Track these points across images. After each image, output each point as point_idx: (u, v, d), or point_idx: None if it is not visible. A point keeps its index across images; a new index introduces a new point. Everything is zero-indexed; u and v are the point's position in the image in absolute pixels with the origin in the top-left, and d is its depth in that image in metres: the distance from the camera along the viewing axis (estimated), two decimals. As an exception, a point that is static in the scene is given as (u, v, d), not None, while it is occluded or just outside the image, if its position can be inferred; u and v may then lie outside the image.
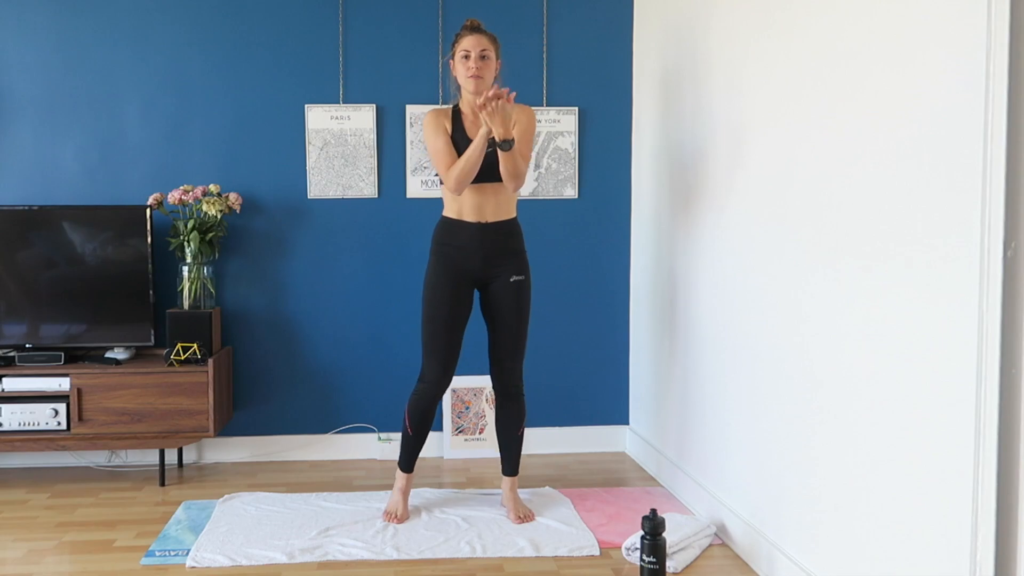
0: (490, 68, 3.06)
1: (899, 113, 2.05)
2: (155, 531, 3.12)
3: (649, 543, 2.61)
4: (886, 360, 2.09)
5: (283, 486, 3.62)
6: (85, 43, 3.85)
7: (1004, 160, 1.74)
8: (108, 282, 3.69)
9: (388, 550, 2.91)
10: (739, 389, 2.94)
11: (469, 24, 3.10)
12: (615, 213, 4.13)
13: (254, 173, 3.94)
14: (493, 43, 3.08)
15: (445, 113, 3.13)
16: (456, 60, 3.08)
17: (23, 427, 3.52)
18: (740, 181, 2.93)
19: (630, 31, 4.10)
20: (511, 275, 3.13)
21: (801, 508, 2.53)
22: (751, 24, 2.84)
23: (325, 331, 4.02)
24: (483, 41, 3.04)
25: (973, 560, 1.81)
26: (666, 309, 3.64)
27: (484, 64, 3.03)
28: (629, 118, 4.11)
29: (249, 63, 3.92)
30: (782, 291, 2.64)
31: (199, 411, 3.58)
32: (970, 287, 1.80)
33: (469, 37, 3.05)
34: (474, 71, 3.02)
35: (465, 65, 3.03)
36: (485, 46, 3.04)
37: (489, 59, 3.05)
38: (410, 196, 4.01)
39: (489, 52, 3.05)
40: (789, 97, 2.59)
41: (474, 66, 3.02)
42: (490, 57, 3.05)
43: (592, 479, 3.73)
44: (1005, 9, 1.73)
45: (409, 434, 3.20)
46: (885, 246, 2.10)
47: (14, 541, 3.04)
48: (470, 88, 3.05)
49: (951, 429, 1.87)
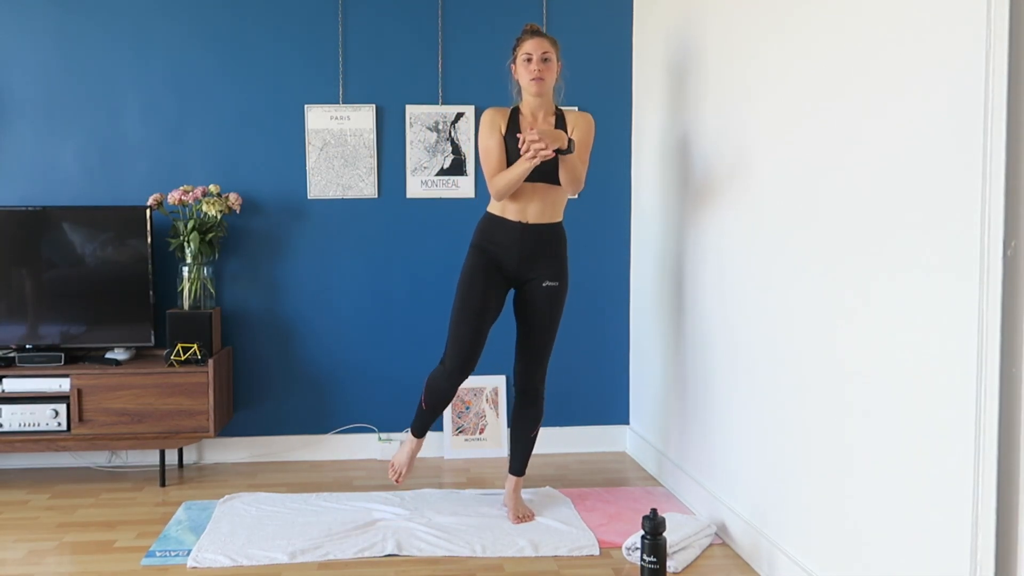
0: (551, 70, 3.08)
1: (899, 112, 2.05)
2: (156, 531, 3.12)
3: (649, 543, 2.61)
4: (886, 359, 2.09)
5: (283, 486, 3.62)
6: (85, 43, 3.85)
7: (1004, 160, 1.74)
8: (108, 283, 3.69)
9: (388, 550, 2.91)
10: (739, 389, 2.94)
11: (530, 28, 3.12)
12: (615, 213, 4.13)
13: (254, 173, 3.94)
14: (554, 45, 3.10)
15: (503, 113, 3.13)
16: (518, 63, 3.10)
17: (23, 428, 3.52)
18: (741, 182, 2.93)
19: (630, 31, 4.10)
20: (545, 280, 3.14)
21: (802, 508, 2.53)
22: (751, 24, 2.84)
23: (325, 331, 4.02)
24: (544, 44, 3.06)
25: (973, 560, 1.81)
26: (667, 309, 3.64)
27: (546, 67, 3.05)
28: (629, 118, 4.11)
29: (249, 63, 3.92)
30: (782, 291, 2.64)
31: (199, 411, 3.58)
32: (970, 287, 1.80)
33: (530, 41, 3.06)
34: (536, 74, 3.04)
35: (527, 68, 3.05)
36: (546, 48, 3.06)
37: (550, 61, 3.07)
38: (410, 196, 4.01)
39: (550, 54, 3.07)
40: (790, 98, 2.59)
41: (536, 69, 3.04)
42: (551, 59, 3.07)
43: (592, 479, 3.73)
44: (1005, 9, 1.73)
45: (424, 408, 3.24)
46: (885, 246, 2.10)
47: (15, 542, 3.04)
48: (532, 91, 3.07)
49: (951, 429, 1.87)
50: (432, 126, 4.00)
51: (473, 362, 3.14)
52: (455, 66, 4.01)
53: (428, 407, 3.23)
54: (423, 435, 3.31)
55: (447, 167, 4.02)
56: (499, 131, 3.09)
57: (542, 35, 3.09)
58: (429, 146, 4.00)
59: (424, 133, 4.00)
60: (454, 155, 4.02)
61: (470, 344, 3.10)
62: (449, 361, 3.14)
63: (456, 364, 3.12)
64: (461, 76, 4.01)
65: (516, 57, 3.11)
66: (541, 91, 3.07)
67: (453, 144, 4.02)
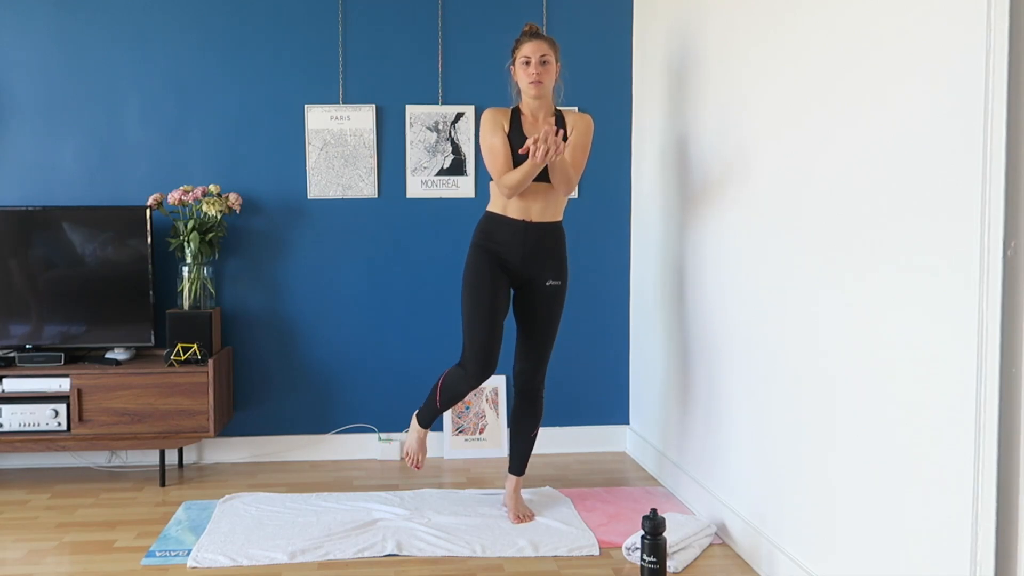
0: (550, 72, 3.07)
1: (900, 112, 2.05)
2: (156, 531, 3.12)
3: (649, 543, 2.61)
4: (886, 359, 2.09)
5: (283, 486, 3.62)
6: (85, 43, 3.85)
7: (1004, 160, 1.74)
8: (108, 283, 3.69)
9: (388, 549, 2.91)
10: (739, 389, 2.94)
11: (528, 29, 3.11)
12: (615, 213, 4.13)
13: (254, 173, 3.94)
14: (552, 47, 3.08)
15: (504, 113, 3.13)
16: (516, 65, 3.09)
17: (23, 428, 3.52)
18: (742, 181, 2.93)
19: (630, 31, 4.10)
20: (547, 279, 3.14)
21: (802, 508, 2.53)
22: (751, 24, 2.84)
23: (325, 331, 4.02)
24: (543, 46, 3.05)
25: (973, 560, 1.81)
26: (667, 308, 3.64)
27: (544, 69, 3.05)
28: (629, 118, 4.11)
29: (249, 63, 3.92)
30: (782, 291, 2.64)
31: (199, 411, 3.58)
32: (970, 287, 1.80)
33: (529, 43, 3.05)
34: (534, 77, 3.03)
35: (525, 71, 3.05)
36: (545, 51, 3.05)
37: (549, 64, 3.06)
38: (410, 196, 4.01)
39: (549, 57, 3.06)
40: (790, 98, 2.59)
41: (534, 71, 3.03)
42: (550, 62, 3.06)
43: (592, 479, 3.73)
44: (1005, 9, 1.73)
45: (437, 405, 3.24)
46: (885, 246, 2.10)
47: (15, 541, 3.04)
48: (531, 93, 3.06)
49: (951, 428, 1.87)
50: (432, 126, 4.00)
51: (494, 363, 3.11)
52: (455, 66, 4.01)
53: (442, 405, 3.24)
54: (430, 427, 3.34)
55: (447, 167, 4.02)
56: (502, 129, 3.09)
57: (541, 37, 3.08)
58: (429, 146, 4.00)
59: (424, 133, 4.00)
60: (454, 155, 4.02)
61: (489, 345, 3.09)
62: (470, 365, 3.11)
63: (477, 367, 3.10)
64: (461, 76, 4.01)
65: (515, 59, 3.10)
66: (540, 93, 3.07)
67: (453, 144, 4.02)
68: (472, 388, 3.16)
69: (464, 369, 3.14)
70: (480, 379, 3.12)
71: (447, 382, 3.20)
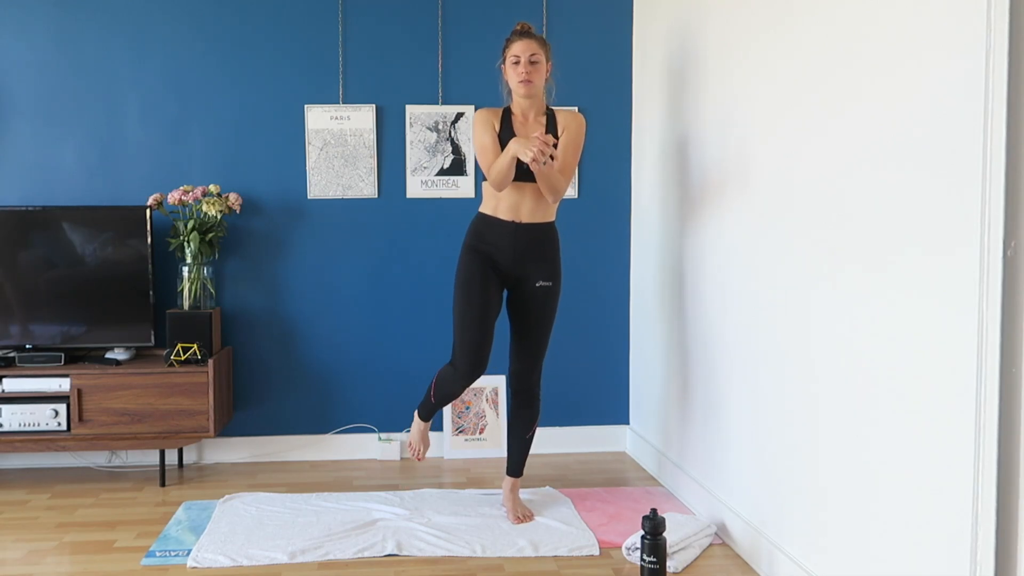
0: (540, 72, 3.06)
1: (899, 111, 2.05)
2: (156, 531, 3.12)
3: (649, 543, 2.61)
4: (886, 359, 2.09)
5: (283, 486, 3.62)
6: (85, 43, 3.85)
7: (1004, 160, 1.74)
8: (108, 283, 3.69)
9: (388, 550, 2.91)
10: (740, 388, 2.94)
11: (519, 28, 3.10)
12: (615, 213, 4.13)
13: (254, 173, 3.94)
14: (543, 47, 3.07)
15: (495, 113, 3.13)
16: (507, 65, 3.08)
17: (23, 428, 3.52)
18: (742, 182, 2.93)
19: (630, 31, 4.10)
20: (539, 280, 3.14)
21: (802, 508, 2.53)
22: (751, 24, 2.84)
23: (325, 331, 4.02)
24: (533, 46, 3.04)
25: (973, 560, 1.81)
26: (667, 308, 3.64)
27: (534, 69, 3.04)
28: (629, 117, 4.11)
29: (249, 63, 3.92)
30: (783, 291, 2.64)
31: (199, 411, 3.58)
32: (970, 287, 1.80)
33: (519, 42, 3.04)
34: (524, 76, 3.02)
35: (515, 70, 3.04)
36: (535, 50, 3.04)
37: (539, 63, 3.05)
38: (410, 196, 4.01)
39: (539, 56, 3.04)
40: (790, 98, 2.59)
41: (524, 71, 3.02)
42: (540, 61, 3.05)
43: (592, 479, 3.73)
44: (1005, 9, 1.73)
45: (432, 402, 3.26)
46: (885, 246, 2.10)
47: (15, 542, 3.04)
48: (520, 92, 3.06)
49: (951, 429, 1.87)
50: (432, 126, 4.00)
51: (484, 363, 3.12)
52: (455, 66, 4.01)
53: (436, 401, 3.25)
54: (430, 420, 3.35)
55: (447, 167, 4.02)
56: (492, 128, 3.08)
57: (531, 36, 3.06)
58: (429, 146, 4.00)
59: (424, 133, 4.00)
60: (454, 155, 4.02)
61: (480, 346, 3.09)
62: (460, 365, 3.12)
63: (468, 367, 3.10)
64: (461, 76, 4.01)
65: (505, 58, 3.09)
66: (530, 93, 3.05)
67: (453, 144, 4.02)
68: (464, 387, 3.17)
69: (455, 368, 3.14)
70: (470, 378, 3.13)
71: (440, 381, 3.20)
